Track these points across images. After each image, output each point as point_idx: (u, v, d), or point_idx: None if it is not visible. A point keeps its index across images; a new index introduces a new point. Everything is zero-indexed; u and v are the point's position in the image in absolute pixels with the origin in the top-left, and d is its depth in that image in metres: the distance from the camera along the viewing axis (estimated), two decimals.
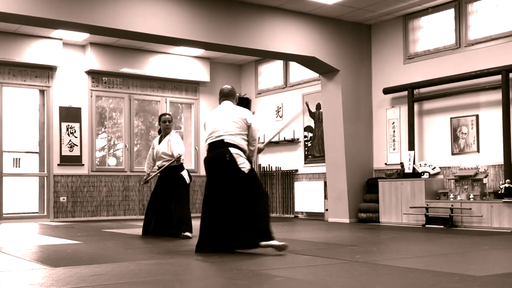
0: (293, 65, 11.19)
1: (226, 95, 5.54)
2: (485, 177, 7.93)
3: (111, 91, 11.16)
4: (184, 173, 6.94)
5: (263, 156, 11.69)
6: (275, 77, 11.73)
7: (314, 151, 10.76)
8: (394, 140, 9.49)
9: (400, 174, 8.91)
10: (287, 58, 9.85)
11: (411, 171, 8.77)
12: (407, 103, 9.11)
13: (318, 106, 10.62)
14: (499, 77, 7.92)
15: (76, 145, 10.65)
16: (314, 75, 10.52)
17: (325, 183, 10.08)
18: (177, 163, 6.91)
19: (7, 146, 10.75)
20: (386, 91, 9.44)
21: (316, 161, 10.68)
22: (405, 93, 9.17)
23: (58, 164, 10.49)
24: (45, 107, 10.58)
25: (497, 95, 8.00)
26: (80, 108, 10.76)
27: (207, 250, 5.10)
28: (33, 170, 14.09)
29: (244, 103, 11.65)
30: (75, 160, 10.62)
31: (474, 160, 8.24)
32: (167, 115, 7.18)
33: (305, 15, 9.10)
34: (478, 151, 8.28)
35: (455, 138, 8.59)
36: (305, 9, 8.94)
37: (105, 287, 3.38)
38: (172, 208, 6.77)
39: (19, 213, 11.05)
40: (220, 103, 5.55)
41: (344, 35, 9.54)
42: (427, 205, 8.27)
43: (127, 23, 7.62)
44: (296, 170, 11.06)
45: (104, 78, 11.05)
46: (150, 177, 7.12)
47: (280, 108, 11.53)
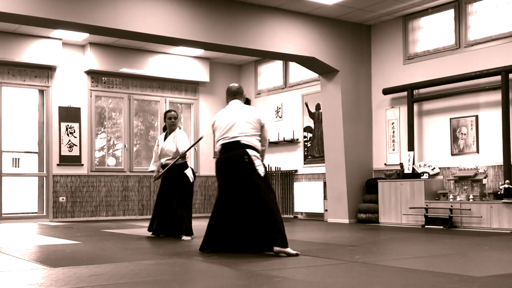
0: (293, 66, 11.19)
1: (234, 94, 5.37)
2: (485, 178, 7.93)
3: (111, 91, 11.15)
4: (188, 172, 6.84)
5: None
6: (275, 78, 11.73)
7: (314, 152, 10.76)
8: (394, 141, 9.49)
9: (400, 175, 8.91)
10: (287, 59, 9.85)
11: (411, 172, 8.77)
12: (407, 104, 9.11)
13: (318, 107, 10.62)
14: (499, 78, 7.92)
15: (76, 145, 10.64)
16: (314, 76, 10.51)
17: (325, 184, 10.07)
18: (182, 160, 6.81)
19: (7, 146, 10.75)
20: (386, 92, 9.44)
21: (316, 162, 10.68)
22: (405, 94, 9.17)
23: (58, 164, 10.49)
24: (45, 107, 10.57)
25: (497, 96, 8.00)
26: (80, 108, 10.76)
27: (211, 250, 5.03)
28: (33, 170, 14.09)
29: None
30: (75, 160, 10.62)
31: (474, 161, 8.24)
32: (173, 112, 6.99)
33: (305, 16, 9.10)
34: (478, 152, 8.28)
35: (455, 139, 8.59)
36: (305, 10, 8.94)
37: (104, 287, 3.39)
38: (174, 208, 6.74)
39: (18, 213, 11.05)
40: (228, 102, 5.38)
41: (344, 36, 9.54)
42: (427, 206, 8.27)
43: (127, 23, 7.62)
44: (296, 171, 11.06)
45: (104, 78, 11.04)
46: (161, 173, 6.88)
47: (280, 109, 11.53)
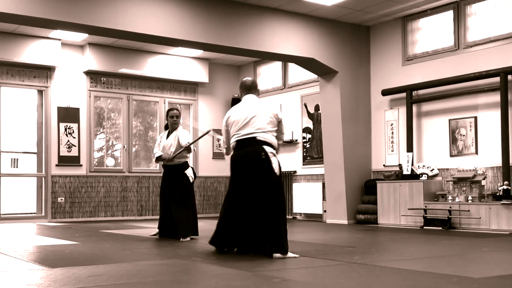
0: (292, 66, 11.19)
1: (249, 88, 5.20)
2: (484, 179, 7.93)
3: (110, 92, 11.14)
4: (189, 171, 6.80)
5: None
6: (274, 78, 11.73)
7: (313, 152, 10.76)
8: (393, 142, 9.49)
9: (399, 176, 8.91)
10: (286, 59, 9.85)
11: (410, 173, 8.77)
12: (406, 105, 9.11)
13: (317, 107, 10.62)
14: (498, 79, 7.93)
15: (74, 146, 10.63)
16: (313, 77, 10.51)
17: (324, 184, 10.07)
18: (188, 153, 6.70)
19: (5, 146, 10.73)
20: (385, 93, 9.44)
21: (315, 162, 10.68)
22: (404, 95, 9.17)
23: (56, 165, 10.48)
24: (43, 108, 10.56)
25: (496, 97, 8.01)
26: (79, 109, 10.75)
27: (219, 244, 4.99)
28: (31, 171, 14.07)
29: None
30: (73, 161, 10.61)
31: (473, 162, 8.25)
32: (175, 110, 6.87)
33: (304, 17, 9.10)
34: (477, 153, 8.28)
35: (454, 140, 8.60)
36: (304, 11, 8.94)
37: None
38: (172, 210, 6.72)
39: (17, 214, 11.04)
40: (242, 97, 5.20)
41: (343, 37, 9.54)
42: (426, 207, 8.27)
43: (126, 24, 7.61)
44: (295, 171, 11.06)
45: (103, 79, 11.03)
46: (172, 156, 6.66)
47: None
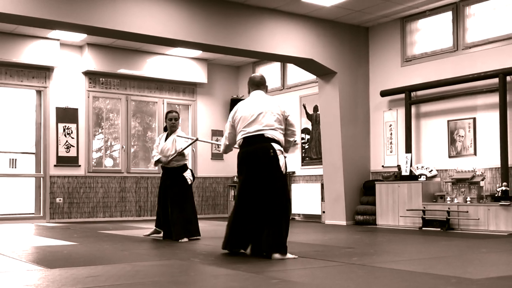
0: (291, 67, 11.19)
1: (258, 85, 5.11)
2: (482, 180, 7.94)
3: (108, 92, 11.14)
4: (187, 174, 6.79)
5: None
6: (273, 79, 11.72)
7: (311, 153, 10.76)
8: (391, 143, 9.49)
9: (397, 177, 8.91)
10: (285, 60, 9.85)
11: (408, 174, 8.77)
12: (405, 106, 9.11)
13: (316, 108, 10.62)
14: (496, 80, 7.93)
15: (73, 146, 10.62)
16: (312, 77, 10.51)
17: (322, 185, 10.07)
18: (182, 157, 6.70)
19: (4, 147, 10.74)
20: (384, 94, 9.44)
21: (313, 163, 10.68)
22: (403, 96, 9.17)
23: (55, 165, 10.46)
24: (42, 108, 10.55)
25: (494, 98, 8.01)
26: (77, 109, 10.74)
27: (229, 248, 4.91)
28: (30, 171, 14.06)
29: None
30: (72, 161, 10.60)
31: (471, 163, 8.25)
32: (174, 113, 6.85)
33: (303, 17, 9.10)
34: (475, 154, 8.28)
35: (452, 141, 8.60)
36: (303, 11, 8.94)
37: None
38: (170, 213, 6.71)
39: (15, 214, 11.01)
40: (250, 93, 5.11)
41: (342, 38, 9.54)
42: (424, 208, 8.27)
43: (125, 24, 7.61)
44: (293, 172, 11.05)
45: (101, 79, 11.03)
46: (170, 159, 6.68)
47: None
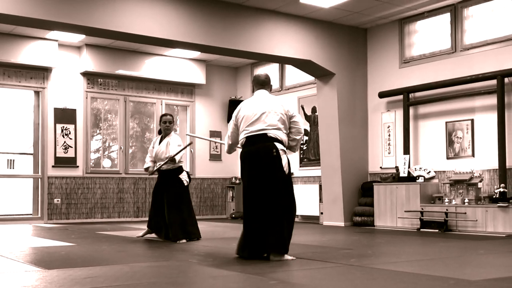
0: (289, 68, 11.19)
1: (262, 84, 5.05)
2: (480, 182, 7.94)
3: (107, 93, 11.13)
4: (183, 176, 6.81)
5: None
6: (271, 80, 11.70)
7: (310, 154, 10.76)
8: (389, 144, 9.50)
9: (395, 178, 8.91)
10: (283, 61, 9.85)
11: (406, 175, 8.77)
12: (403, 107, 9.12)
13: (314, 110, 10.62)
14: (494, 82, 7.94)
15: (71, 147, 10.61)
16: (310, 79, 10.51)
17: (320, 187, 10.07)
18: (174, 164, 6.74)
19: (2, 147, 10.72)
20: (382, 95, 9.45)
21: (312, 165, 10.68)
22: (401, 97, 9.18)
23: (53, 166, 10.45)
24: (40, 108, 10.54)
25: (492, 100, 8.02)
26: (75, 110, 10.73)
27: (246, 254, 4.79)
28: (27, 172, 14.04)
29: None
30: (70, 162, 10.59)
31: (469, 165, 8.25)
32: (168, 116, 6.94)
33: (301, 19, 9.10)
34: (473, 156, 8.29)
35: (450, 143, 8.61)
36: (301, 13, 8.94)
37: None
38: (165, 214, 6.71)
39: (13, 215, 10.99)
40: (254, 92, 5.02)
41: (340, 39, 9.55)
42: (422, 209, 8.27)
43: (123, 25, 7.60)
44: (292, 173, 11.02)
45: (100, 80, 11.02)
46: (157, 168, 6.80)
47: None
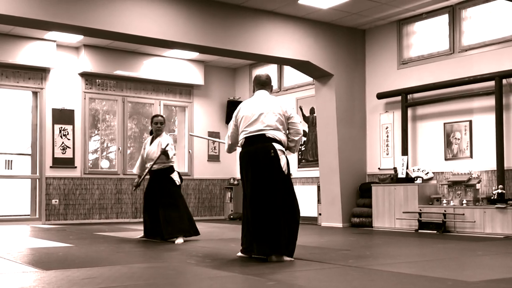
0: (287, 69, 11.19)
1: (263, 84, 5.06)
2: (478, 183, 7.95)
3: (105, 93, 11.12)
4: (175, 175, 6.85)
5: None
6: None
7: (308, 155, 10.76)
8: (388, 145, 9.50)
9: (393, 179, 8.92)
10: (281, 62, 9.86)
11: (404, 176, 8.77)
12: (401, 108, 9.12)
13: (312, 111, 10.63)
14: (493, 83, 7.94)
15: (69, 147, 10.60)
16: (308, 80, 10.52)
17: (319, 187, 10.07)
18: (166, 158, 6.75)
19: (0, 148, 10.70)
20: (380, 96, 9.45)
21: (310, 165, 10.68)
22: (399, 98, 9.18)
23: (51, 166, 10.44)
24: (38, 109, 10.53)
25: (491, 101, 8.03)
26: (73, 110, 10.72)
27: (249, 255, 4.84)
28: (25, 172, 14.02)
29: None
30: (68, 163, 10.58)
31: (467, 166, 8.26)
32: (160, 117, 7.05)
33: (300, 20, 9.10)
34: (471, 157, 8.30)
35: (448, 144, 8.61)
36: (300, 14, 8.94)
37: None
38: (160, 214, 6.72)
39: (11, 216, 10.99)
40: (255, 92, 5.07)
41: (338, 40, 9.55)
42: (420, 210, 8.28)
43: (121, 26, 7.60)
44: (290, 174, 11.01)
45: (98, 80, 11.01)
46: (141, 179, 6.99)
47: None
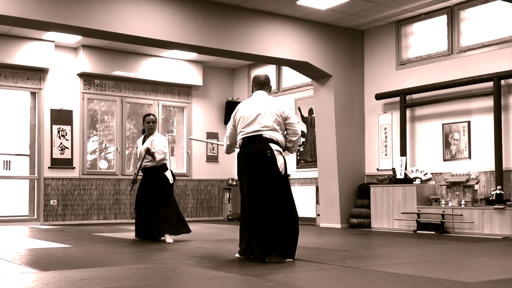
0: (286, 70, 11.19)
1: (261, 85, 5.06)
2: (477, 184, 7.95)
3: (103, 94, 11.11)
4: (168, 174, 6.90)
5: None
6: None
7: (306, 156, 10.76)
8: (386, 146, 9.50)
9: (392, 180, 8.92)
10: (280, 63, 9.86)
11: (403, 177, 8.77)
12: (399, 109, 9.13)
13: (311, 111, 10.63)
14: (491, 84, 7.96)
15: (67, 148, 10.59)
16: (307, 80, 10.52)
17: (317, 188, 10.07)
18: (153, 159, 6.79)
19: None
20: (378, 97, 9.46)
21: (308, 166, 10.68)
22: (397, 99, 9.19)
23: (49, 167, 10.43)
24: (36, 110, 10.52)
25: (489, 102, 8.04)
26: (72, 111, 10.71)
27: (248, 257, 4.84)
28: (24, 173, 14.00)
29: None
30: (66, 163, 10.57)
31: (466, 167, 8.27)
32: (151, 116, 7.11)
33: (298, 20, 9.10)
34: (470, 158, 8.30)
35: (447, 144, 8.62)
36: (298, 14, 8.94)
37: None
38: (151, 213, 6.74)
39: (9, 216, 10.96)
40: (253, 93, 5.08)
41: (337, 41, 9.55)
42: (419, 211, 8.28)
43: (120, 26, 7.60)
44: (289, 175, 11.01)
45: (96, 81, 11.00)
46: (135, 176, 7.01)
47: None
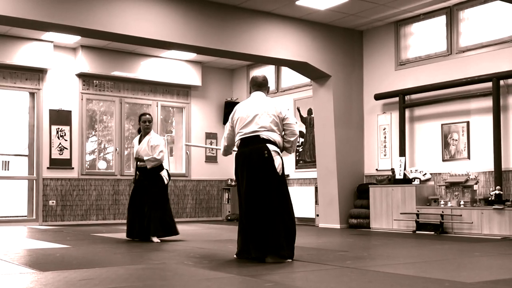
0: (285, 70, 11.19)
1: (259, 85, 5.07)
2: (476, 184, 7.95)
3: (102, 94, 11.10)
4: (163, 173, 6.93)
5: None
6: None
7: (305, 156, 10.76)
8: (385, 146, 9.50)
9: (391, 180, 8.92)
10: (279, 63, 9.85)
11: (402, 177, 8.78)
12: (398, 109, 9.13)
13: (310, 112, 10.62)
14: (490, 84, 7.96)
15: (66, 148, 10.58)
16: (306, 80, 10.52)
17: (316, 189, 10.07)
18: (154, 163, 6.83)
19: None
20: (378, 97, 9.46)
21: (307, 166, 10.68)
22: (397, 99, 9.19)
23: (48, 167, 10.42)
24: (35, 110, 10.51)
25: (488, 102, 8.04)
26: (71, 111, 10.70)
27: (245, 257, 4.84)
28: (22, 173, 13.97)
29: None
30: (65, 163, 10.56)
31: (465, 167, 8.27)
32: (147, 115, 7.11)
33: (298, 21, 9.10)
34: (469, 158, 8.30)
35: (446, 145, 8.62)
36: (298, 15, 8.94)
37: None
38: (146, 212, 6.76)
39: (8, 217, 10.95)
40: (251, 93, 5.10)
41: (336, 41, 9.55)
42: (418, 211, 8.28)
43: (119, 26, 7.59)
44: (287, 175, 11.04)
45: (95, 81, 11.00)
46: (136, 176, 7.06)
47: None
